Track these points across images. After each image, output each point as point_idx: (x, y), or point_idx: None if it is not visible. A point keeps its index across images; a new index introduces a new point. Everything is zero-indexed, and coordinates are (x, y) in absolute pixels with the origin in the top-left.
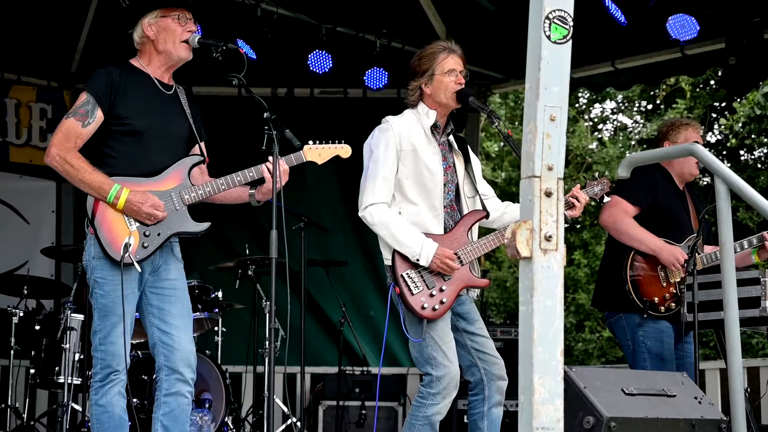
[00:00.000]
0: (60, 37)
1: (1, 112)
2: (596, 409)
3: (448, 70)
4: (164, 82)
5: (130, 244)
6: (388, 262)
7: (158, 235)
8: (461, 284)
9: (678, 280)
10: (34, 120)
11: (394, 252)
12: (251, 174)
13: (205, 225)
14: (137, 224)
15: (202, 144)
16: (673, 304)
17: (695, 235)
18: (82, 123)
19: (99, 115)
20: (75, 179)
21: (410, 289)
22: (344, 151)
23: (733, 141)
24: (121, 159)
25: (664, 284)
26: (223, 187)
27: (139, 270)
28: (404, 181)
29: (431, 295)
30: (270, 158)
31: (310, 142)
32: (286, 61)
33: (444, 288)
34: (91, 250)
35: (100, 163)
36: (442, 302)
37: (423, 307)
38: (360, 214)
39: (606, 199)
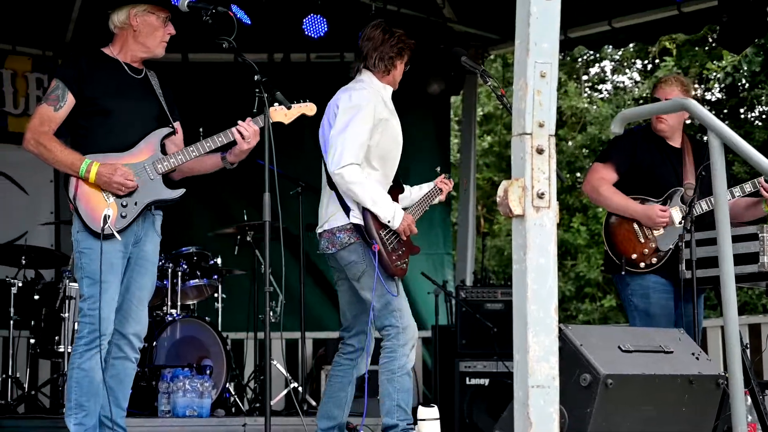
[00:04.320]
0: (54, 7)
1: None
2: (593, 367)
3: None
4: (134, 66)
5: (109, 216)
6: (356, 220)
7: (135, 204)
8: (408, 249)
9: (659, 233)
10: (30, 90)
11: (367, 212)
12: (220, 139)
13: (180, 191)
14: (114, 196)
15: (177, 124)
16: (654, 259)
17: (691, 191)
18: (54, 107)
19: (70, 99)
20: (49, 159)
21: (386, 247)
22: (309, 108)
23: (714, 85)
24: (94, 136)
25: (642, 240)
26: (194, 153)
27: (119, 239)
28: (372, 148)
29: (398, 255)
30: (239, 122)
31: (276, 103)
32: (282, 26)
33: (402, 250)
34: (75, 225)
35: (76, 143)
36: (405, 261)
37: (396, 265)
38: (336, 170)
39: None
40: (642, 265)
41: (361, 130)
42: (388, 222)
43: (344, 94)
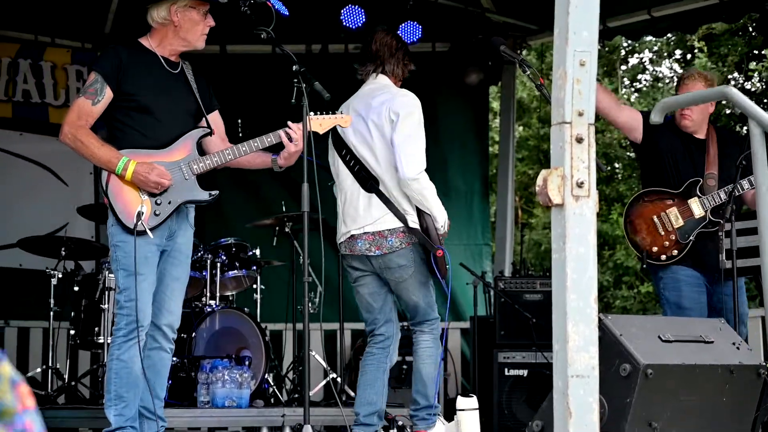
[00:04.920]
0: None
1: (38, 75)
2: (632, 357)
3: None
4: (171, 60)
5: (142, 213)
6: (414, 224)
7: (169, 203)
8: None
9: (678, 225)
10: (71, 82)
11: (428, 217)
12: (269, 139)
13: (214, 193)
14: (149, 194)
15: (215, 113)
16: (675, 251)
17: (712, 181)
18: (92, 101)
19: (108, 93)
20: (86, 154)
21: (443, 250)
22: (344, 120)
23: (754, 75)
24: (131, 133)
25: (662, 233)
26: (229, 156)
27: (152, 236)
28: None
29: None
30: (289, 122)
31: (312, 113)
32: (320, 17)
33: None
34: (110, 219)
35: (113, 137)
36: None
37: (446, 267)
38: (414, 176)
39: None
40: (663, 257)
41: (423, 135)
42: (440, 227)
43: (400, 99)
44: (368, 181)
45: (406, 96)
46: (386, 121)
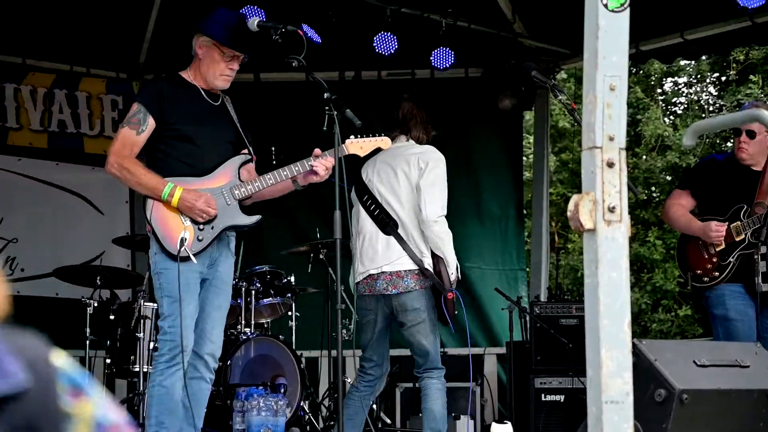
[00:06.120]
0: (127, 29)
1: (74, 105)
2: (667, 382)
3: None
4: (211, 93)
5: (185, 239)
6: (429, 267)
7: (212, 228)
8: None
9: (720, 248)
10: (105, 111)
11: (442, 262)
12: (297, 168)
13: (256, 218)
14: (192, 219)
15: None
16: (717, 273)
17: (761, 209)
18: (137, 131)
19: (151, 123)
20: (132, 183)
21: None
22: (384, 143)
23: None
24: (173, 160)
25: (706, 256)
26: (270, 181)
27: (195, 262)
28: None
29: None
30: (319, 158)
31: (352, 136)
32: (352, 44)
33: None
34: (153, 247)
35: (154, 166)
36: None
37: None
38: (435, 218)
39: None
40: (706, 279)
41: (446, 185)
42: (452, 273)
43: (431, 152)
44: (387, 224)
45: (435, 152)
46: (415, 168)
